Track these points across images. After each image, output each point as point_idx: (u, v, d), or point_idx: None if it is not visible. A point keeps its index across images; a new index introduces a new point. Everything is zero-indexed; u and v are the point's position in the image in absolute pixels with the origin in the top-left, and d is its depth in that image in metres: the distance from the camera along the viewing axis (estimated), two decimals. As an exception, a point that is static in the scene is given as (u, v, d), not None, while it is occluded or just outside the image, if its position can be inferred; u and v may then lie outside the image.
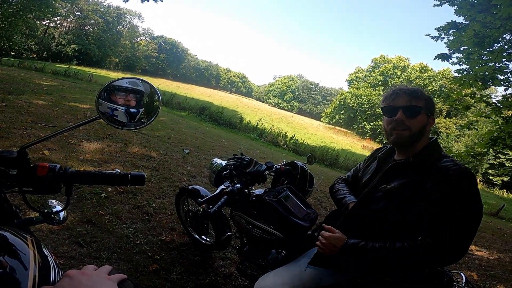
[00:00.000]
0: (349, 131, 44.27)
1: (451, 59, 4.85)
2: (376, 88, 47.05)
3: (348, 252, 1.11)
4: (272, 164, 1.72)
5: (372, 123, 43.41)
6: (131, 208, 2.69)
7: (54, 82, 10.95)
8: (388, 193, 1.11)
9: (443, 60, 4.93)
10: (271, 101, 73.36)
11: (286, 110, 65.80)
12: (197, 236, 2.35)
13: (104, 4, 42.45)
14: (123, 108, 0.90)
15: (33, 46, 33.62)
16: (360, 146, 28.65)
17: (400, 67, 47.50)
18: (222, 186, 1.53)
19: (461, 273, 1.20)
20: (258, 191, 1.64)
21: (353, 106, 47.23)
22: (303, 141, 13.91)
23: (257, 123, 13.95)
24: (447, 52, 4.83)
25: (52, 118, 5.02)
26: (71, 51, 37.69)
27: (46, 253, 0.70)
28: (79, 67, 26.93)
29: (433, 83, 42.70)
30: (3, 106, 4.96)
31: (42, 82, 9.77)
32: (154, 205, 2.86)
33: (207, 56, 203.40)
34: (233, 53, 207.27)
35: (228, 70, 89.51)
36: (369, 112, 45.08)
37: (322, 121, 54.63)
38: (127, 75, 1.01)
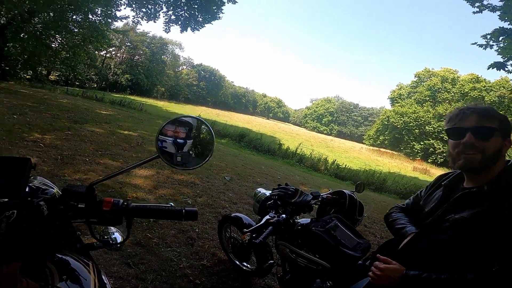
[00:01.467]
0: (396, 153, 41.27)
1: (506, 67, 4.47)
2: (424, 104, 43.86)
3: (407, 284, 1.02)
4: (318, 194, 1.74)
5: (422, 142, 40.01)
6: (176, 232, 2.85)
7: (111, 111, 12.43)
8: (457, 223, 1.01)
9: (498, 69, 4.56)
10: (309, 125, 72.73)
11: (325, 133, 64.47)
12: (238, 263, 2.38)
13: (150, 35, 46.23)
14: (171, 139, 0.95)
15: (93, 76, 37.29)
16: (410, 168, 26.36)
17: (449, 80, 44.03)
18: (268, 217, 1.56)
19: None
20: (303, 220, 1.65)
21: (398, 125, 44.40)
22: (345, 165, 13.35)
23: (296, 148, 13.87)
24: (501, 60, 4.48)
25: (110, 146, 5.64)
26: (124, 81, 41.08)
27: (105, 281, 0.76)
28: (131, 97, 29.64)
29: (490, 93, 38.52)
30: (69, 134, 5.75)
31: (101, 112, 11.16)
32: (197, 230, 2.98)
33: (243, 82, 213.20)
34: (268, 78, 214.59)
35: (264, 96, 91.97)
36: (417, 130, 41.80)
37: (364, 143, 52.08)
38: (188, 115, 1.06)
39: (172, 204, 0.87)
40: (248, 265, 2.33)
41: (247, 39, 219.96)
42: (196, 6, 15.03)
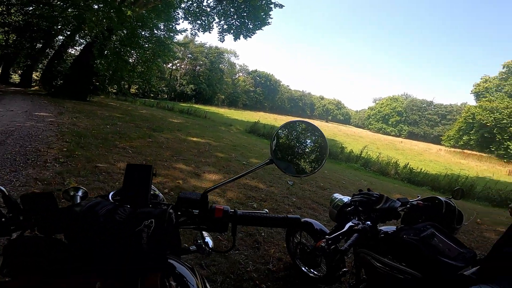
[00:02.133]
0: (485, 154, 35.06)
1: None
2: (520, 98, 36.38)
3: None
4: (406, 200, 1.62)
5: (521, 142, 33.12)
6: (243, 235, 2.92)
7: (181, 120, 13.72)
8: None
9: None
10: (373, 127, 67.53)
11: (393, 135, 59.03)
12: (304, 269, 2.32)
13: (207, 45, 49.60)
14: (284, 144, 0.94)
15: (164, 88, 41.25)
16: (504, 172, 21.99)
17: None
18: (351, 223, 1.47)
19: None
20: (387, 228, 1.54)
21: (487, 123, 37.76)
22: (421, 169, 11.89)
23: (361, 151, 12.98)
24: None
25: (183, 152, 6.20)
26: (190, 91, 44.62)
27: (208, 286, 0.78)
28: (196, 105, 32.25)
29: None
30: (150, 141, 6.52)
31: (173, 120, 12.41)
32: (263, 234, 3.01)
33: (299, 86, 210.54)
34: (325, 80, 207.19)
35: (322, 98, 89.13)
36: (512, 128, 34.84)
37: (443, 144, 45.75)
38: (298, 119, 1.04)
39: (267, 211, 0.87)
40: (316, 272, 2.26)
41: (299, 43, 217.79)
42: (245, 14, 15.69)
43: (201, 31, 17.59)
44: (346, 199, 1.87)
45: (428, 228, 1.40)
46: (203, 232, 0.94)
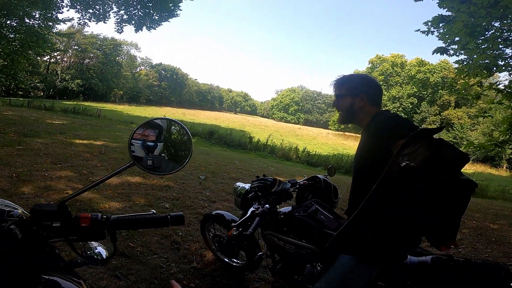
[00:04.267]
0: (359, 135, 43.75)
1: (448, 51, 4.91)
2: (379, 89, 47.01)
3: None
4: (295, 181, 1.79)
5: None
6: (159, 238, 2.77)
7: (65, 120, 11.44)
8: None
9: (441, 53, 4.98)
10: (277, 116, 73.93)
11: (293, 123, 66.04)
12: (227, 260, 2.38)
13: (100, 36, 43.04)
14: (140, 141, 0.91)
15: (38, 84, 34.16)
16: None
17: (398, 65, 47.43)
18: (252, 209, 1.58)
19: None
20: (285, 208, 1.69)
21: (358, 109, 47.00)
22: (315, 152, 13.87)
23: (267, 140, 14.06)
24: (443, 45, 4.91)
25: (70, 158, 5.23)
26: (76, 87, 38.21)
27: None
28: (86, 103, 27.35)
29: (434, 75, 42.37)
30: (21, 149, 5.22)
31: (54, 122, 10.20)
32: (180, 233, 2.93)
33: (207, 79, 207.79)
34: (232, 73, 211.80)
35: (230, 91, 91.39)
36: (376, 113, 44.73)
37: (330, 129, 54.37)
38: (160, 117, 1.00)
39: (154, 212, 0.86)
40: (238, 261, 2.35)
41: (208, 37, 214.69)
42: (150, 4, 14.24)
43: (93, 21, 14.78)
44: (247, 186, 1.97)
45: (313, 204, 1.59)
46: (93, 243, 0.88)
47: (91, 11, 14.29)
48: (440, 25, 4.75)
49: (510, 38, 4.33)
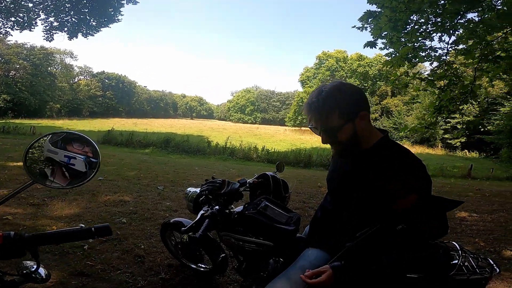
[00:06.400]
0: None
1: (377, 45, 5.42)
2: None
3: (342, 278, 1.10)
4: (244, 181, 1.81)
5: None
6: (120, 254, 2.62)
7: None
8: None
9: (371, 47, 5.46)
10: (234, 118, 74.04)
11: (250, 123, 66.77)
12: (194, 266, 2.36)
13: (27, 45, 38.47)
14: (83, 157, 0.89)
15: None
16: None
17: (341, 60, 51.02)
18: (202, 211, 1.59)
19: (453, 242, 1.30)
20: (238, 208, 1.72)
21: (310, 104, 49.41)
22: (274, 149, 14.24)
23: (225, 142, 14.03)
24: (372, 39, 5.39)
25: (4, 182, 4.63)
26: (2, 103, 33.28)
27: None
28: (17, 121, 23.87)
29: (372, 68, 46.61)
30: None
31: None
32: (142, 246, 2.80)
33: (158, 85, 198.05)
34: (184, 78, 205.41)
35: (184, 96, 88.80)
36: (326, 106, 47.52)
37: (286, 125, 56.19)
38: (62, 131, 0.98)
39: (83, 225, 0.87)
40: (205, 266, 2.32)
41: (155, 42, 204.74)
42: (87, 10, 13.09)
43: (17, 29, 13.03)
44: (198, 190, 1.96)
45: (262, 201, 1.65)
46: (27, 262, 0.86)
47: (13, 19, 12.67)
48: (369, 20, 5.20)
49: (428, 30, 4.96)
